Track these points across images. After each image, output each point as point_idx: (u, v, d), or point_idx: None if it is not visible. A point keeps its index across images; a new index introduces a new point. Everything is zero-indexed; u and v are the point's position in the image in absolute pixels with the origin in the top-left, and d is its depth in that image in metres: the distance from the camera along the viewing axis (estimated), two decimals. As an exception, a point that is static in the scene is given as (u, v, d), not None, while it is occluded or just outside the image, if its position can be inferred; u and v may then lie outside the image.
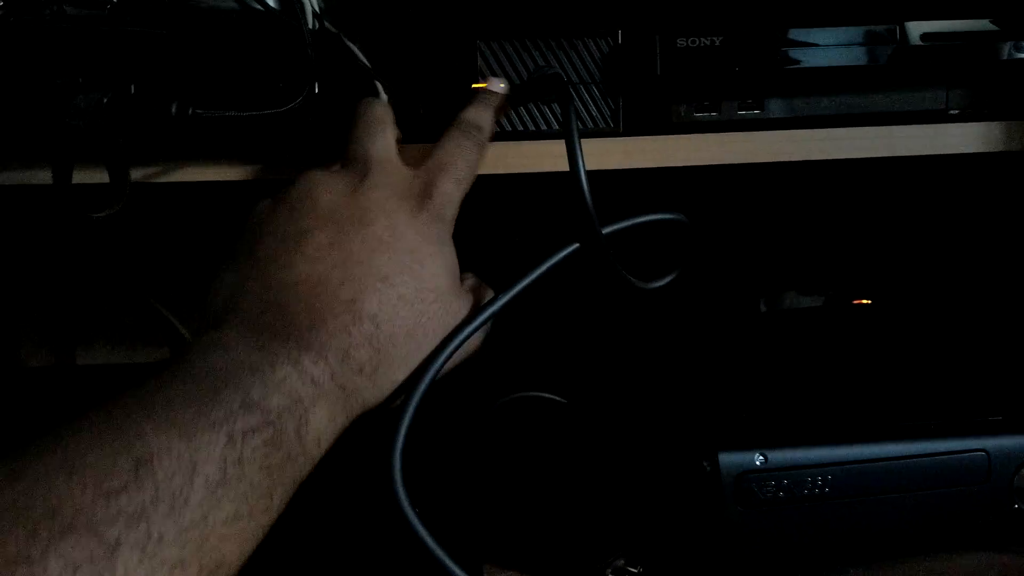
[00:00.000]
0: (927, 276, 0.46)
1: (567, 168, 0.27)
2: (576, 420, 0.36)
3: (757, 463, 0.27)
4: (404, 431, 0.24)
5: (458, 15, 0.31)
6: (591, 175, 0.27)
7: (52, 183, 0.26)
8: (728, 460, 0.27)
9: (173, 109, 0.25)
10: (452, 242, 0.27)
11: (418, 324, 0.25)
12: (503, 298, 0.27)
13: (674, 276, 0.32)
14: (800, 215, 0.46)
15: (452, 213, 0.27)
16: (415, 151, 0.28)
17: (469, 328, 0.26)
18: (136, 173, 0.28)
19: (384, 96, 0.32)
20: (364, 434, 0.25)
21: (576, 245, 0.28)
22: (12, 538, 0.16)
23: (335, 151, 0.28)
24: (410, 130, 0.30)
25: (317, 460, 0.23)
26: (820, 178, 0.44)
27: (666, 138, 0.31)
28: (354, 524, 0.30)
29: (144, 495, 0.18)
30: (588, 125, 0.31)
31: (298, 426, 0.22)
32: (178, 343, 0.42)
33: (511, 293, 0.27)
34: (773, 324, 0.44)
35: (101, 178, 0.27)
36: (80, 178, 0.27)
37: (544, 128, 0.31)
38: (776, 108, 0.32)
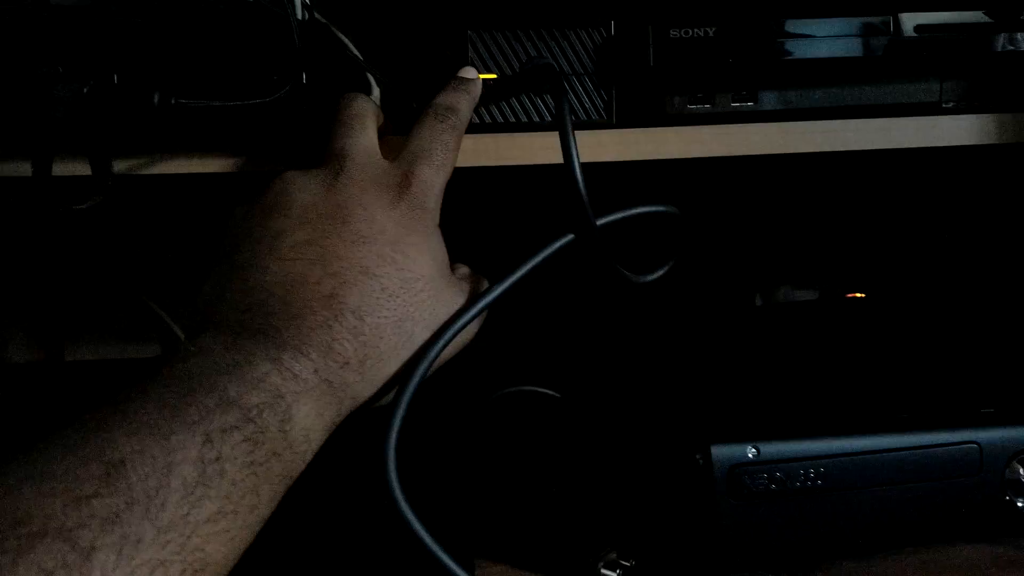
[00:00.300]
0: (921, 270, 0.46)
1: (561, 160, 0.27)
2: (569, 414, 0.36)
3: (749, 456, 0.27)
4: (398, 423, 0.24)
5: (449, 6, 0.30)
6: (584, 167, 0.27)
7: (32, 175, 0.25)
8: (720, 453, 0.27)
9: (156, 99, 0.24)
10: (439, 231, 0.27)
11: (406, 315, 0.25)
12: (498, 288, 0.27)
13: (668, 269, 0.32)
14: (794, 208, 0.46)
15: (434, 201, 0.26)
16: (395, 142, 0.27)
17: (464, 318, 0.26)
18: (119, 165, 0.27)
19: (376, 88, 0.32)
20: (358, 426, 0.24)
21: (571, 236, 0.28)
22: None
23: (321, 144, 0.27)
24: (402, 122, 0.30)
25: (308, 456, 0.23)
26: (814, 171, 0.44)
27: (659, 130, 0.31)
28: (348, 516, 0.30)
29: (117, 499, 0.18)
30: (581, 117, 0.31)
31: (281, 422, 0.21)
32: (168, 338, 0.42)
33: (506, 283, 0.27)
34: (767, 318, 0.45)
35: (83, 170, 0.26)
36: (61, 170, 0.26)
37: (537, 120, 0.31)
38: (770, 100, 0.31)
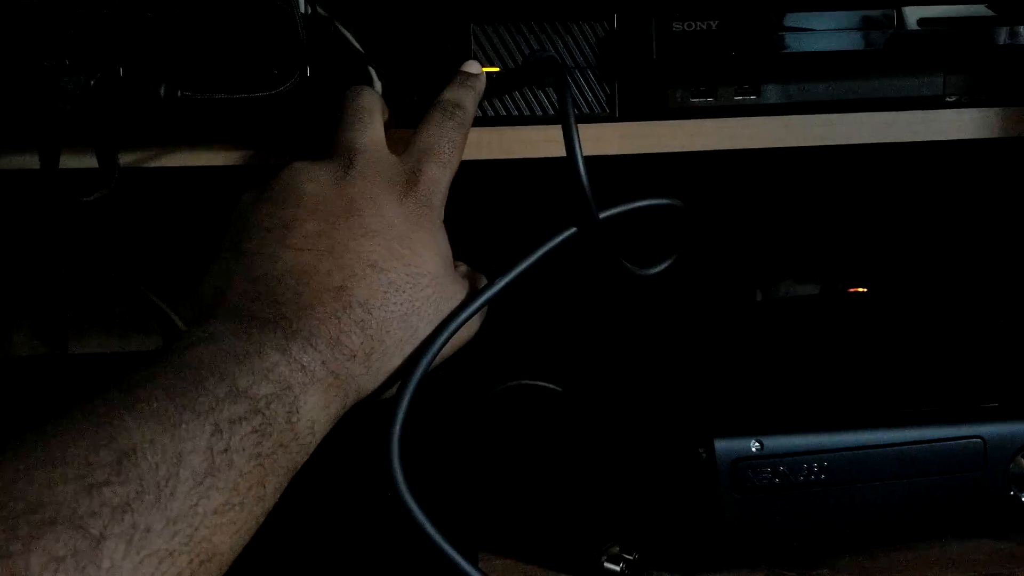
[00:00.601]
0: (923, 264, 0.46)
1: (563, 153, 0.27)
2: (572, 408, 0.36)
3: (753, 449, 0.27)
4: (402, 416, 0.24)
5: (452, -1, 0.30)
6: (587, 160, 0.27)
7: (39, 167, 0.25)
8: (724, 447, 0.27)
9: (162, 91, 0.24)
10: (443, 227, 0.27)
11: (412, 309, 0.25)
12: (501, 281, 0.27)
13: (670, 262, 0.32)
14: (797, 202, 0.46)
15: (440, 198, 0.27)
16: (406, 135, 0.27)
17: (467, 312, 0.26)
18: (125, 158, 0.28)
19: (378, 82, 0.32)
20: (362, 419, 0.24)
21: (573, 229, 0.28)
22: None
23: (326, 137, 0.27)
24: (404, 116, 0.30)
25: (312, 448, 0.23)
26: (817, 165, 0.44)
27: (662, 123, 0.31)
28: (353, 510, 0.30)
29: (128, 488, 0.18)
30: (584, 110, 0.31)
31: (288, 413, 0.21)
32: (171, 331, 0.42)
33: (509, 276, 0.27)
34: (769, 312, 0.44)
35: (90, 162, 0.26)
36: (68, 163, 0.26)
37: (540, 113, 0.31)
38: (772, 94, 0.31)
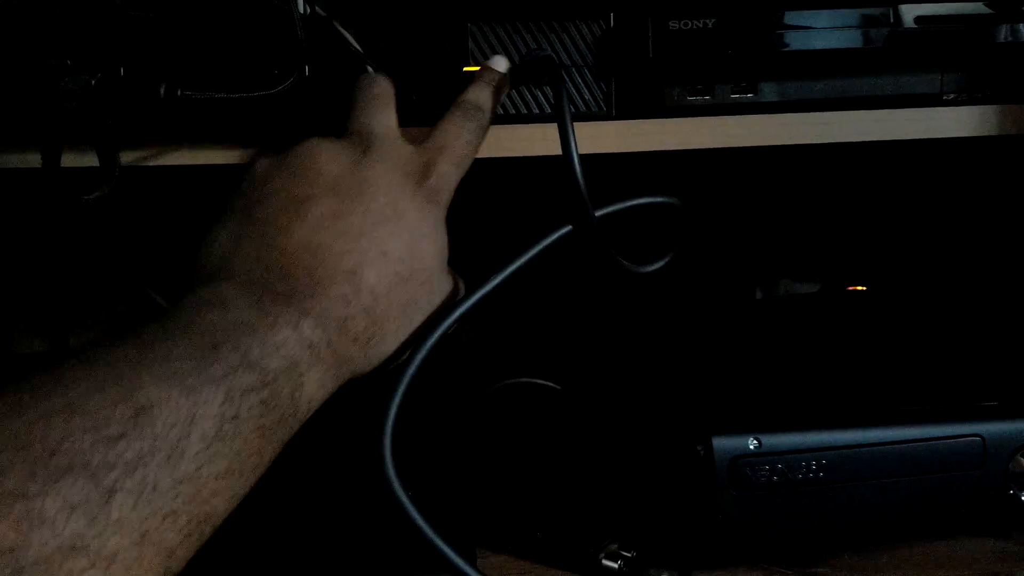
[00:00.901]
0: (922, 262, 0.46)
1: (559, 151, 0.27)
2: (570, 405, 0.36)
3: (751, 447, 0.27)
4: (394, 412, 0.24)
5: (449, -2, 0.31)
6: (583, 159, 0.27)
7: (41, 166, 0.26)
8: (722, 444, 0.27)
9: (162, 91, 0.25)
10: (445, 226, 0.27)
11: (411, 300, 0.25)
12: (496, 279, 0.27)
13: (668, 260, 0.32)
14: (794, 201, 0.46)
15: (448, 195, 0.27)
16: (413, 132, 0.28)
17: (466, 305, 0.26)
18: (126, 157, 0.28)
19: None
20: (357, 418, 0.25)
21: (569, 227, 0.28)
22: (12, 474, 0.16)
23: (329, 131, 0.28)
24: (402, 115, 0.30)
25: (302, 423, 0.23)
26: (814, 163, 0.43)
27: (659, 122, 0.31)
28: (348, 507, 0.30)
29: (143, 444, 0.18)
30: (580, 108, 0.31)
31: (293, 389, 0.22)
32: (162, 313, 0.42)
33: (504, 274, 0.27)
34: (768, 310, 0.44)
35: (91, 161, 0.27)
36: (70, 161, 0.27)
37: (536, 112, 0.31)
38: (769, 92, 0.32)
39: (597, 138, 0.31)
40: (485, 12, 0.30)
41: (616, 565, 0.28)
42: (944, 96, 0.32)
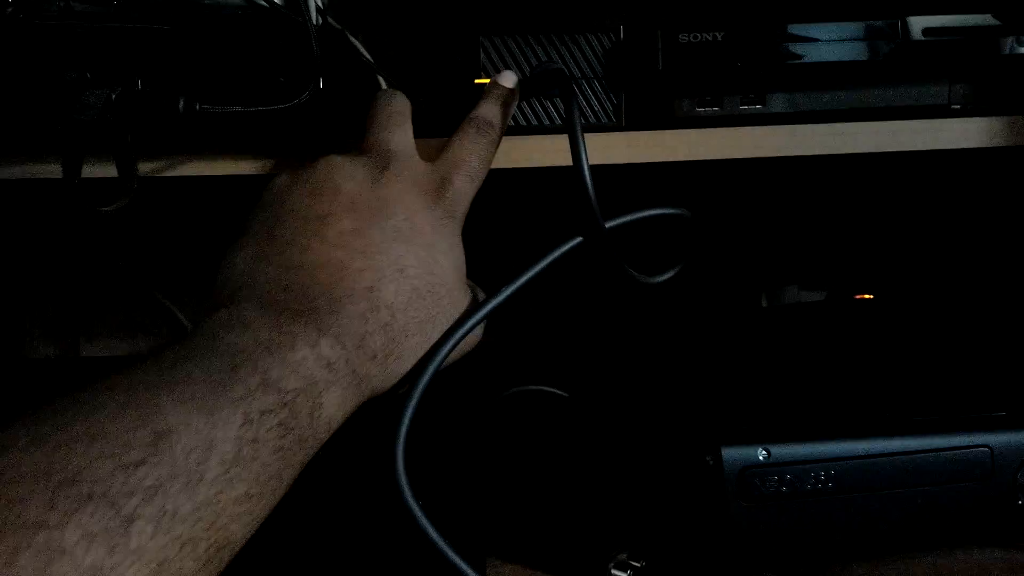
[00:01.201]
0: (929, 271, 0.46)
1: (570, 163, 0.27)
2: (579, 414, 0.36)
3: (760, 458, 0.27)
4: (407, 423, 0.25)
5: (461, 11, 0.31)
6: (594, 169, 0.27)
7: (62, 177, 0.26)
8: (731, 455, 0.27)
9: (180, 105, 0.25)
10: (461, 240, 0.27)
11: (428, 317, 0.25)
12: (507, 290, 0.27)
13: (677, 271, 0.33)
14: (802, 210, 0.46)
15: (463, 210, 0.27)
16: (427, 146, 0.28)
17: (476, 317, 0.26)
18: (144, 167, 0.28)
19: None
20: (369, 427, 0.25)
21: (579, 239, 0.28)
22: (32, 503, 0.16)
23: (343, 145, 0.28)
24: (415, 127, 0.30)
25: (323, 443, 0.23)
26: (822, 173, 0.44)
27: (668, 133, 0.31)
28: (358, 516, 0.30)
29: (162, 469, 0.18)
30: (591, 120, 0.32)
31: (312, 409, 0.22)
32: (181, 335, 0.42)
33: (515, 285, 0.27)
34: (775, 319, 0.44)
35: (110, 172, 0.27)
36: (89, 172, 0.27)
37: (547, 123, 0.32)
38: (778, 103, 0.32)
39: (607, 149, 0.31)
40: (497, 25, 0.31)
41: (625, 574, 0.28)
42: (952, 107, 0.32)
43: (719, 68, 0.31)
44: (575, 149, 0.27)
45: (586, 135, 0.27)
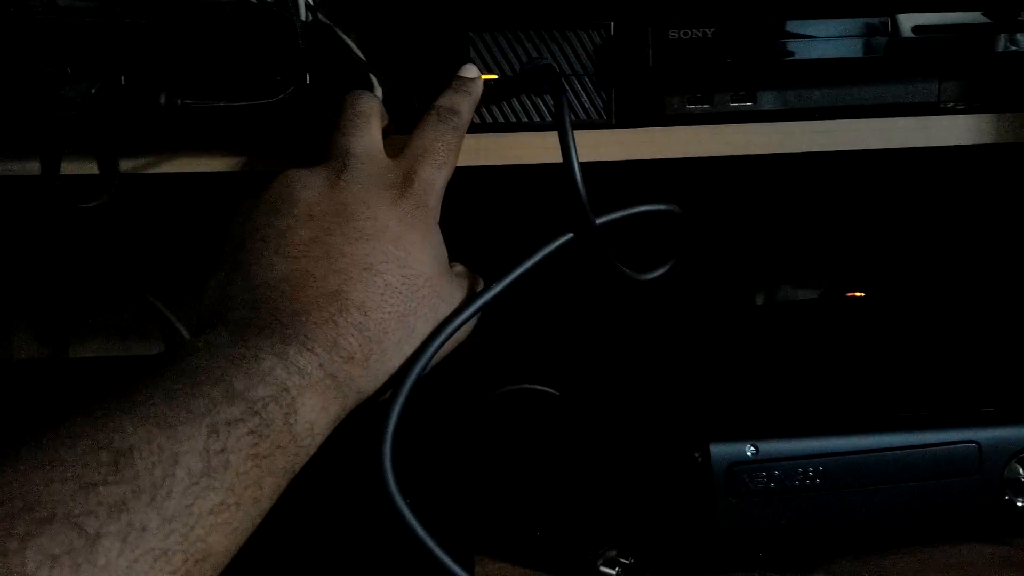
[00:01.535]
0: (921, 269, 0.46)
1: (560, 160, 0.27)
2: (569, 412, 0.36)
3: (748, 454, 0.27)
4: (394, 421, 0.24)
5: (451, 7, 0.31)
6: (584, 167, 0.27)
7: (40, 174, 0.26)
8: (719, 451, 0.27)
9: (162, 99, 0.25)
10: (438, 228, 0.27)
11: (408, 310, 0.25)
12: (497, 287, 0.27)
13: (668, 268, 0.33)
14: (794, 208, 0.47)
15: (436, 199, 0.27)
16: (402, 141, 0.28)
17: (464, 315, 0.26)
18: (126, 164, 0.28)
19: (379, 89, 0.32)
20: (356, 425, 0.25)
21: (570, 235, 0.28)
22: None
23: (325, 142, 0.28)
24: (404, 122, 0.30)
25: (312, 450, 0.23)
26: (813, 171, 0.44)
27: (658, 130, 0.31)
28: (347, 515, 0.30)
29: (124, 487, 0.18)
30: (581, 117, 0.31)
31: (286, 415, 0.22)
32: (172, 335, 0.42)
33: (505, 281, 0.27)
34: (767, 316, 0.45)
35: (91, 169, 0.27)
36: (70, 169, 0.27)
37: (537, 120, 0.31)
38: (768, 100, 0.32)
39: (597, 146, 0.31)
40: (486, 21, 0.30)
41: (614, 572, 0.28)
42: (942, 105, 0.32)
43: (709, 65, 0.30)
44: (564, 146, 0.27)
45: (576, 132, 0.27)
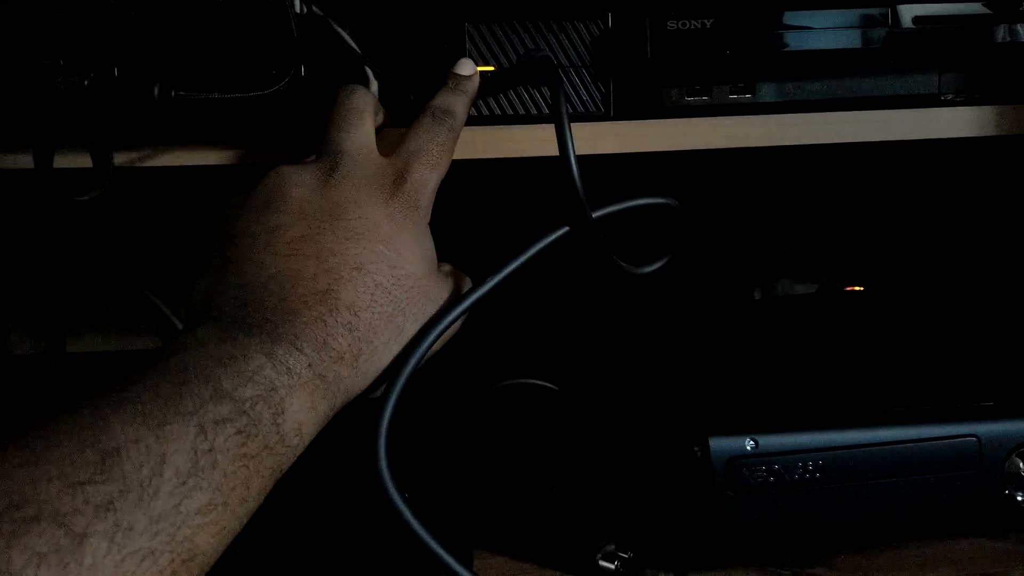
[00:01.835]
0: (920, 263, 0.46)
1: (557, 152, 0.27)
2: (567, 406, 0.36)
3: (748, 448, 0.27)
4: (388, 416, 0.24)
5: (447, -2, 0.30)
6: (581, 159, 0.27)
7: (34, 167, 0.25)
8: (719, 445, 0.27)
9: (156, 91, 0.25)
10: (428, 229, 0.27)
11: (398, 310, 0.25)
12: (492, 280, 0.27)
13: (665, 261, 0.32)
14: (792, 201, 0.46)
15: (427, 199, 0.27)
16: (397, 135, 0.27)
17: (452, 315, 0.26)
18: (120, 157, 0.28)
19: (374, 82, 0.32)
20: (352, 421, 0.25)
21: (566, 229, 0.28)
22: None
23: (319, 136, 0.27)
24: (400, 115, 0.30)
25: (300, 449, 0.23)
26: (812, 163, 0.43)
27: (657, 122, 0.31)
28: (344, 511, 0.30)
29: (112, 486, 0.18)
30: (578, 109, 0.31)
31: (274, 415, 0.21)
32: (167, 329, 0.42)
33: (500, 275, 0.27)
34: (765, 310, 0.44)
35: (84, 162, 0.26)
36: (63, 162, 0.26)
37: (534, 112, 0.31)
38: (767, 92, 0.31)
39: (595, 139, 0.30)
40: (482, 12, 0.30)
41: (613, 566, 0.28)
42: (942, 96, 0.32)
43: (708, 56, 0.30)
44: (561, 139, 0.27)
45: (573, 124, 0.27)
